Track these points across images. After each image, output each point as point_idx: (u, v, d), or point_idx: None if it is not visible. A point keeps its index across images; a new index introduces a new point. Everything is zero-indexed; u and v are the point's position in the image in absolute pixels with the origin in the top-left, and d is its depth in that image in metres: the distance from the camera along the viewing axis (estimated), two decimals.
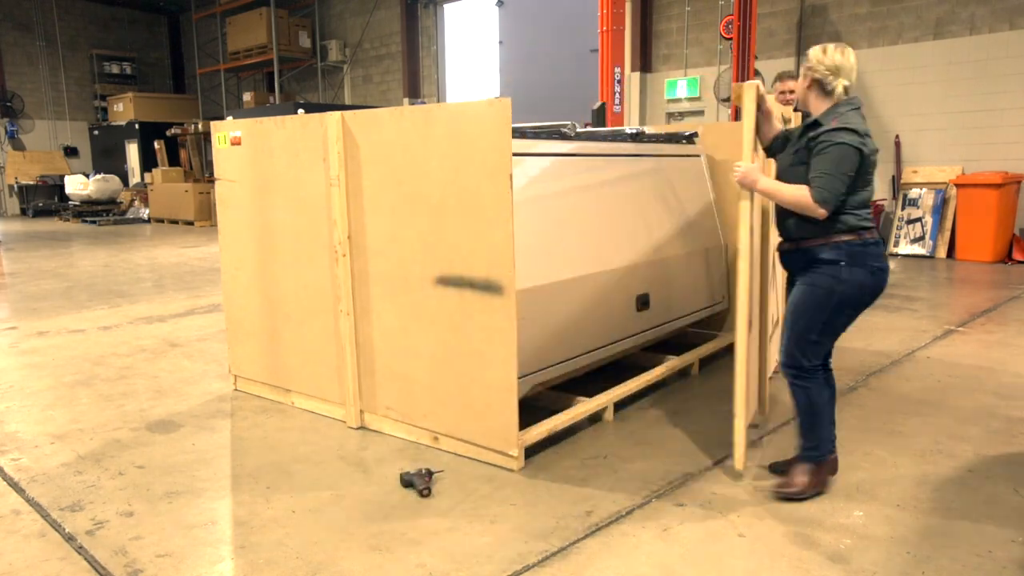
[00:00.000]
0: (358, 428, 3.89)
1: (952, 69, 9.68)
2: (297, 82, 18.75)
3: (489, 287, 3.26)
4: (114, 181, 18.60)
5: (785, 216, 3.04)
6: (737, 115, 9.96)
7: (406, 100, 16.25)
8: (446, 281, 3.42)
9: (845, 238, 2.91)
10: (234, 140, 4.28)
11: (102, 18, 21.45)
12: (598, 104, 9.50)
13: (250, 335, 4.43)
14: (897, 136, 10.19)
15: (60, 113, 20.69)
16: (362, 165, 3.69)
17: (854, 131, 2.83)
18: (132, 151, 19.68)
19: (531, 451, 3.50)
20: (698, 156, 5.21)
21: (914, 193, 10.02)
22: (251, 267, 4.35)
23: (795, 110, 4.22)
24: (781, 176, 3.06)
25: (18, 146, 19.90)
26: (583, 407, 3.80)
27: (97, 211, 18.20)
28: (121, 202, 18.85)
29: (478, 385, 3.37)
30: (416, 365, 3.62)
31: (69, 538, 2.81)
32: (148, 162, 18.94)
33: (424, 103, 16.05)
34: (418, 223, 3.50)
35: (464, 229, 3.32)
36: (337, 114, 3.71)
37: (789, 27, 10.91)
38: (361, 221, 3.74)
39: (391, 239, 3.62)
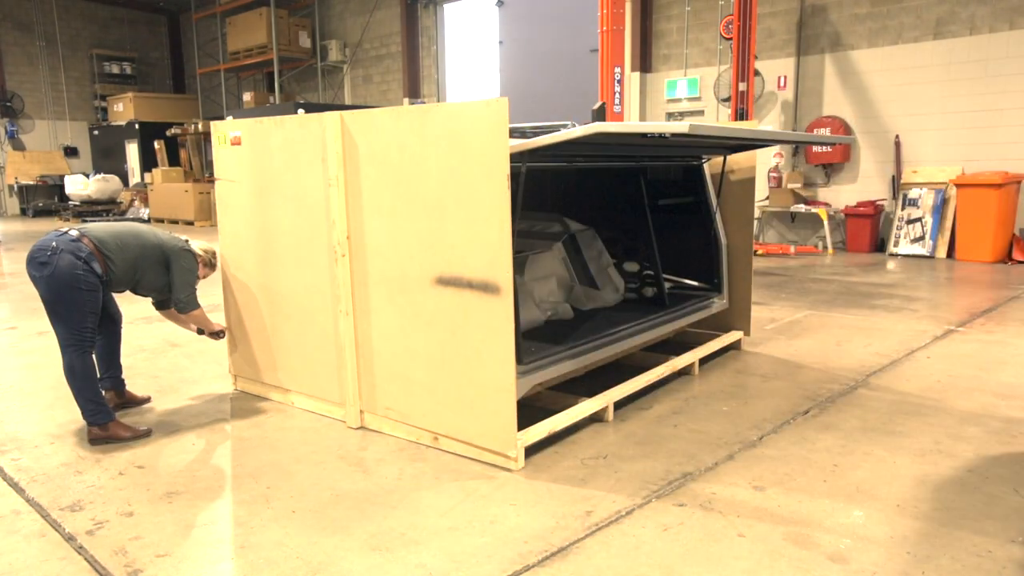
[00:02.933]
0: (358, 428, 3.89)
1: (952, 69, 9.68)
2: (297, 82, 18.75)
3: (487, 287, 3.26)
4: (114, 181, 18.59)
5: None
6: (737, 115, 9.96)
7: (406, 100, 16.24)
8: (444, 281, 3.42)
9: None
10: (234, 140, 4.28)
11: (102, 18, 21.44)
12: (598, 104, 9.50)
13: (250, 335, 4.43)
14: (897, 136, 10.19)
15: (60, 113, 20.68)
16: (361, 165, 3.68)
17: None
18: (132, 151, 19.67)
19: (531, 451, 3.50)
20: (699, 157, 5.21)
21: (914, 193, 10.01)
22: (251, 267, 4.35)
23: None
24: None
25: (18, 146, 19.90)
26: (583, 407, 3.81)
27: (97, 211, 18.20)
28: (121, 202, 18.85)
29: (476, 386, 3.37)
30: (415, 365, 3.62)
31: (69, 538, 2.81)
32: (148, 162, 18.93)
33: (424, 103, 16.02)
34: (416, 223, 3.50)
35: (462, 229, 3.32)
36: (336, 114, 3.71)
37: (789, 27, 10.91)
38: (360, 221, 3.74)
39: (390, 239, 3.62)
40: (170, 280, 4.00)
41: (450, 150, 3.31)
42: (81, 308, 3.70)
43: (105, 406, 3.80)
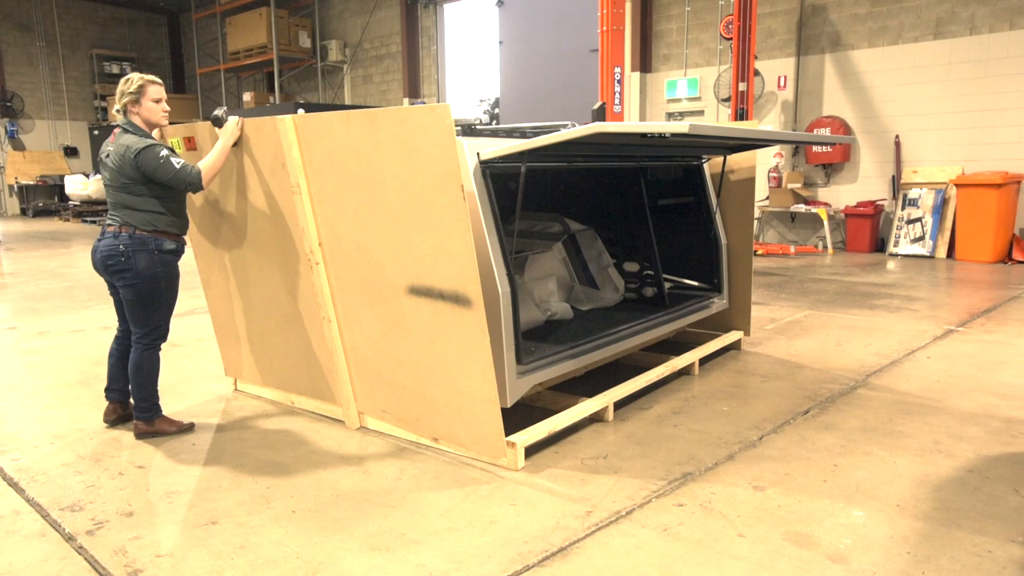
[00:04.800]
0: (358, 429, 3.89)
1: (952, 69, 9.68)
2: (297, 82, 18.75)
3: (458, 299, 3.17)
4: None
5: None
6: (737, 115, 9.96)
7: (406, 100, 16.25)
8: (417, 291, 3.33)
9: None
10: (188, 143, 4.05)
11: (102, 18, 21.44)
12: (598, 104, 9.49)
13: (244, 337, 4.38)
14: (897, 136, 10.19)
15: (60, 113, 20.68)
16: (322, 171, 3.53)
17: None
18: None
19: (531, 451, 3.50)
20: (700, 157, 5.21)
21: (914, 193, 10.01)
22: (235, 272, 4.23)
23: None
24: None
25: (18, 146, 19.89)
26: (583, 407, 3.80)
27: (97, 211, 18.20)
28: None
29: (462, 394, 3.34)
30: (402, 372, 3.57)
31: (69, 538, 2.81)
32: None
33: (424, 103, 16.03)
34: (383, 231, 3.38)
35: (426, 239, 3.21)
36: (289, 118, 3.52)
37: (789, 27, 10.91)
38: (331, 228, 3.61)
39: (360, 247, 3.51)
40: (161, 184, 3.58)
41: (403, 159, 3.17)
42: (160, 305, 3.71)
43: (156, 404, 3.81)
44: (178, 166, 3.54)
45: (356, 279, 3.60)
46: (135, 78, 3.64)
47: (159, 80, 3.72)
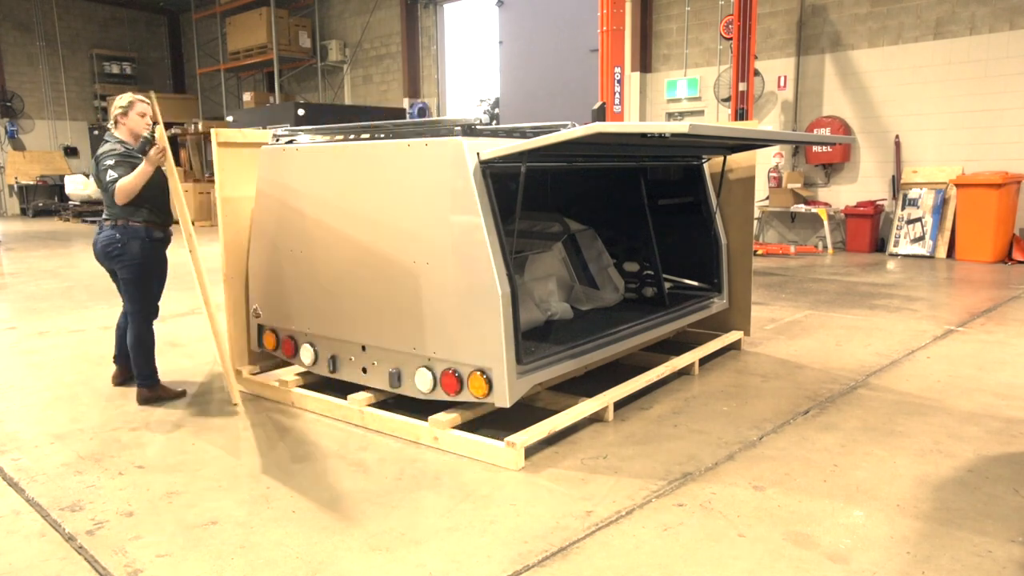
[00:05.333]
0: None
1: (952, 69, 9.68)
2: (297, 82, 18.74)
3: None
4: None
5: None
6: (737, 115, 9.96)
7: (406, 100, 16.25)
8: None
9: None
10: None
11: (102, 18, 21.43)
12: (598, 104, 9.49)
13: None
14: (897, 136, 10.19)
15: (60, 113, 20.67)
16: None
17: None
18: None
19: (531, 451, 3.50)
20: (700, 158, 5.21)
21: (914, 193, 10.01)
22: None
23: None
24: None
25: (18, 146, 19.89)
26: (583, 407, 3.81)
27: (97, 211, 18.19)
28: None
29: None
30: None
31: (69, 538, 2.81)
32: None
33: (425, 105, 16.05)
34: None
35: None
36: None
37: (789, 27, 10.91)
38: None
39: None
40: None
41: None
42: (150, 284, 4.34)
43: (155, 373, 4.42)
44: (108, 178, 4.10)
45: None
46: (127, 96, 4.37)
47: (146, 99, 4.33)
